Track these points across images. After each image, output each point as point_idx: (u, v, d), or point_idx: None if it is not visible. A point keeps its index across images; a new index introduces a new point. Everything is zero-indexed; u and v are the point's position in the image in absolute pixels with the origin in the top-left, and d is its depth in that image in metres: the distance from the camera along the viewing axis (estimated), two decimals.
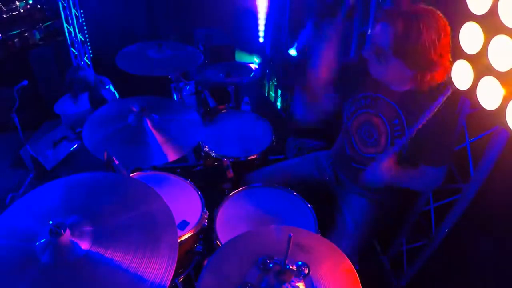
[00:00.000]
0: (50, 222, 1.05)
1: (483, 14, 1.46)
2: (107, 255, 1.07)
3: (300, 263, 1.16)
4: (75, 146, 3.50)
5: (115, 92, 3.52)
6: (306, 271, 1.15)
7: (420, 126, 1.53)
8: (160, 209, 1.24)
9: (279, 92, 4.48)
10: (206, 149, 2.31)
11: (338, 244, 1.33)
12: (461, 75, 1.63)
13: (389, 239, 2.47)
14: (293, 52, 3.98)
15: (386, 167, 1.58)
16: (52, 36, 4.47)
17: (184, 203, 1.89)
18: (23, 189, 3.21)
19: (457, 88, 1.66)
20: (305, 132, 3.19)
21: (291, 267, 1.14)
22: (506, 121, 1.41)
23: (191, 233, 1.74)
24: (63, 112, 3.63)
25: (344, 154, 1.91)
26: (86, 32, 4.59)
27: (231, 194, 1.94)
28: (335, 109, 1.86)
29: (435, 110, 1.48)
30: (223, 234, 1.72)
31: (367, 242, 2.02)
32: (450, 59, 1.48)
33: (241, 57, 4.44)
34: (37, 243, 1.08)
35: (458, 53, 1.61)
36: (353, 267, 1.24)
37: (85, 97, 3.52)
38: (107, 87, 3.45)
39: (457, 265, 2.04)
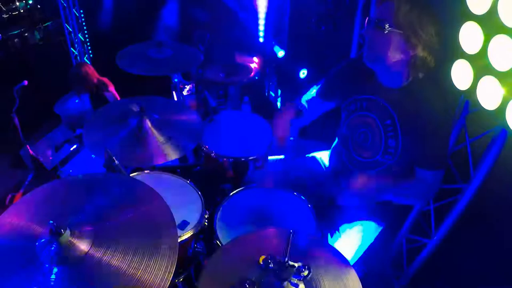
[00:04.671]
0: (50, 222, 1.05)
1: (483, 14, 1.46)
2: (107, 255, 1.07)
3: (300, 263, 1.16)
4: (74, 146, 3.51)
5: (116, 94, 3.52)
6: (307, 272, 1.15)
7: (415, 126, 1.54)
8: (160, 209, 1.23)
9: (279, 92, 4.48)
10: (206, 149, 2.31)
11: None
12: (461, 75, 1.64)
13: (389, 239, 2.47)
14: (280, 53, 4.03)
15: (360, 183, 1.59)
16: (52, 36, 4.47)
17: (184, 203, 1.89)
18: (23, 189, 3.21)
19: (457, 88, 1.66)
20: (305, 133, 3.19)
21: (291, 267, 1.14)
22: (506, 121, 1.41)
23: (191, 233, 1.74)
24: (63, 112, 3.63)
25: (343, 158, 1.91)
26: (86, 32, 4.59)
27: (231, 194, 1.94)
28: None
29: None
30: (223, 234, 1.72)
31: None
32: (439, 47, 1.48)
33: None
34: (37, 243, 1.08)
35: (458, 53, 1.61)
36: (353, 269, 1.24)
37: (86, 98, 3.53)
38: (108, 89, 3.45)
39: (457, 265, 2.04)
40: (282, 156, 3.16)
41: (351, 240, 1.86)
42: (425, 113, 1.53)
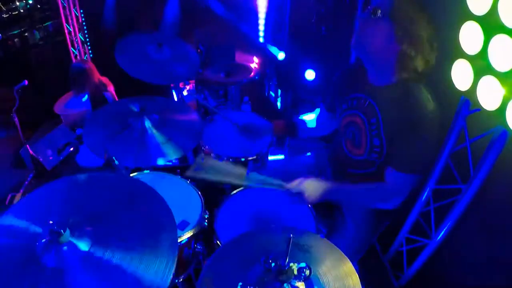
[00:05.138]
0: (50, 222, 1.05)
1: (483, 14, 1.46)
2: (107, 255, 1.07)
3: (301, 264, 1.16)
4: (72, 148, 3.51)
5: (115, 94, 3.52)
6: (308, 273, 1.15)
7: (397, 126, 1.53)
8: (160, 209, 1.23)
9: (279, 92, 4.48)
10: (206, 149, 2.31)
11: (338, 245, 1.33)
12: (461, 75, 1.64)
13: (389, 239, 2.47)
14: (281, 55, 4.04)
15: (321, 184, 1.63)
16: (52, 36, 4.46)
17: (184, 203, 1.89)
18: (23, 189, 3.21)
19: (457, 88, 1.66)
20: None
21: (292, 268, 1.14)
22: (506, 121, 1.41)
23: (191, 233, 1.74)
24: (63, 112, 3.63)
25: (339, 157, 1.91)
26: (86, 32, 4.59)
27: (231, 194, 1.94)
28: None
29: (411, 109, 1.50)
30: (223, 234, 1.72)
31: (368, 242, 2.02)
32: (431, 54, 1.49)
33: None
34: (37, 243, 1.08)
35: (458, 53, 1.61)
36: (353, 268, 1.24)
37: (86, 98, 3.53)
38: (108, 89, 3.45)
39: (457, 265, 2.04)
40: (282, 156, 3.17)
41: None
42: (408, 115, 1.50)
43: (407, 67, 1.50)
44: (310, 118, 2.31)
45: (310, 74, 3.81)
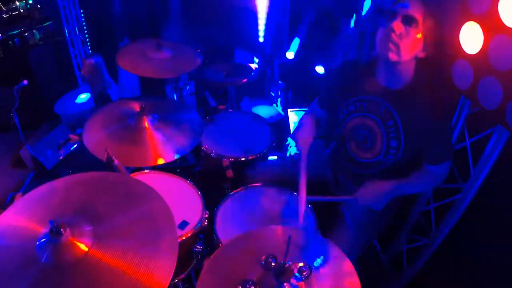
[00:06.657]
0: (50, 222, 1.05)
1: (483, 14, 1.46)
2: (107, 255, 1.07)
3: (301, 264, 1.16)
4: (75, 146, 3.51)
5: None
6: (307, 272, 1.15)
7: (417, 126, 1.55)
8: (160, 209, 1.24)
9: (279, 92, 4.48)
10: (206, 149, 2.31)
11: (338, 244, 1.33)
12: (461, 74, 1.64)
13: (389, 239, 2.47)
14: (290, 55, 4.00)
15: (377, 189, 1.65)
16: (52, 36, 4.46)
17: (184, 203, 1.89)
18: (23, 189, 3.21)
19: (457, 88, 1.66)
20: None
21: (292, 267, 1.14)
22: (506, 121, 1.41)
23: (191, 233, 1.74)
24: (63, 112, 3.63)
25: (341, 159, 1.91)
26: (86, 32, 4.59)
27: (231, 194, 1.94)
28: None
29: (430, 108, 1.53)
30: (223, 234, 1.72)
31: (367, 242, 2.02)
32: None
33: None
34: (37, 243, 1.08)
35: (458, 53, 1.62)
36: (353, 267, 1.24)
37: (86, 97, 3.52)
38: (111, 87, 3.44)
39: (457, 265, 2.04)
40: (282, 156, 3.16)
41: None
42: (426, 114, 1.54)
43: (423, 70, 1.55)
44: None
45: (320, 69, 3.69)
